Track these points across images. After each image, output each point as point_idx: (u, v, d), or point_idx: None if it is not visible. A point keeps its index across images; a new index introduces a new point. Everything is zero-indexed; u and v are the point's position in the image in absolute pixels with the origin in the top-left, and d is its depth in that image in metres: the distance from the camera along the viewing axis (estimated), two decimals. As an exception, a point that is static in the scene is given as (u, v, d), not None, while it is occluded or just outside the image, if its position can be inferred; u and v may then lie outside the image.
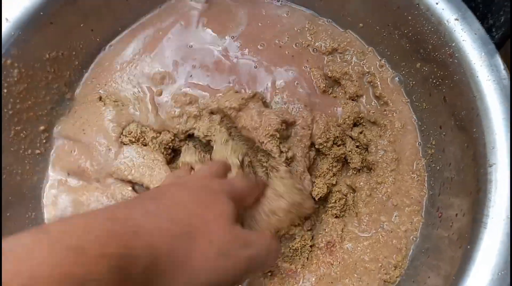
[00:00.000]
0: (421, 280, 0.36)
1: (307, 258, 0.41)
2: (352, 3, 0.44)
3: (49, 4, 0.40)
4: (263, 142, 0.37)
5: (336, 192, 0.42)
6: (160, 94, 0.45)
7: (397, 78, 0.44)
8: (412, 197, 0.41)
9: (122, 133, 0.43)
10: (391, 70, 0.45)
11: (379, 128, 0.43)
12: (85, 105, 0.45)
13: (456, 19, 0.36)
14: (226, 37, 0.47)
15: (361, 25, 0.45)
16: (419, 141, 0.42)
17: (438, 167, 0.40)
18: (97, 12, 0.44)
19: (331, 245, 0.40)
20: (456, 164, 0.37)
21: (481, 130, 0.34)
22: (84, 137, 0.44)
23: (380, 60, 0.45)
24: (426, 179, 0.41)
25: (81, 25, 0.44)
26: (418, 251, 0.39)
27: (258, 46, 0.46)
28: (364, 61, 0.45)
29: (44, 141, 0.44)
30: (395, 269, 0.38)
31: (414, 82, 0.43)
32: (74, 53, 0.45)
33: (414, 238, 0.40)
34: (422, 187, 0.41)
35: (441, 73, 0.38)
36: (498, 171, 0.32)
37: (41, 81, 0.43)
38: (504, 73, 0.34)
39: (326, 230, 0.41)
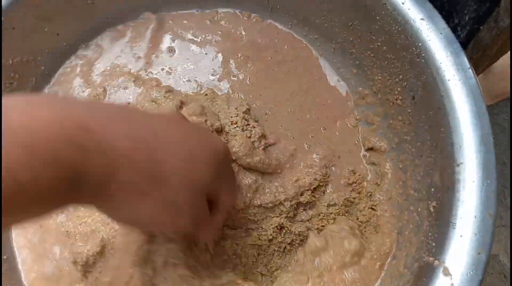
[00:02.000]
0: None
1: None
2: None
3: (10, 9, 0.39)
4: None
5: None
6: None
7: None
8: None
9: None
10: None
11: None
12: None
13: (422, 19, 0.36)
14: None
15: (326, 25, 0.45)
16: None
17: (406, 169, 0.40)
18: (62, 15, 0.43)
19: None
20: (425, 166, 0.37)
21: (449, 130, 0.33)
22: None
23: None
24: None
25: (45, 29, 0.43)
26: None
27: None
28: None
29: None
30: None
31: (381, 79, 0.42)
32: (39, 58, 0.44)
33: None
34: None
35: (410, 73, 0.38)
36: (466, 170, 0.32)
37: (5, 88, 0.42)
38: (470, 72, 0.34)
39: None
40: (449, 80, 0.34)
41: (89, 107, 0.21)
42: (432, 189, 0.35)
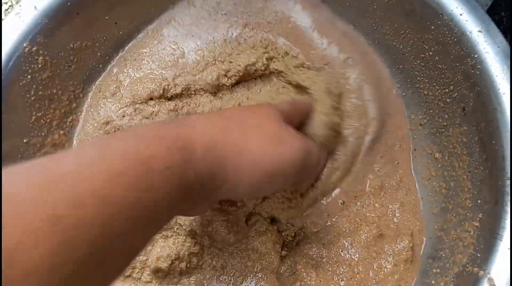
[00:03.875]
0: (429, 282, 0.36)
1: None
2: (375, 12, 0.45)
3: (79, -5, 0.41)
4: None
5: None
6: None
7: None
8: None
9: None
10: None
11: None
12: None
13: (479, 31, 0.37)
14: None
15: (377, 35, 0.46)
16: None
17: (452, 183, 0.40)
18: (122, 4, 0.45)
19: None
20: (472, 178, 0.37)
21: (500, 143, 0.33)
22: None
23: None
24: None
25: (106, 17, 0.45)
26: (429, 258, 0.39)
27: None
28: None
29: (64, 129, 0.45)
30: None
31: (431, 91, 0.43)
32: (97, 44, 0.46)
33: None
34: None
35: (462, 84, 0.38)
36: (516, 184, 0.32)
37: (64, 70, 0.44)
38: (526, 87, 0.34)
39: None
40: (504, 93, 0.34)
41: (183, 123, 0.24)
42: (479, 201, 0.35)
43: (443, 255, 0.37)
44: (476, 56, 0.36)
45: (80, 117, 0.47)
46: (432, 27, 0.40)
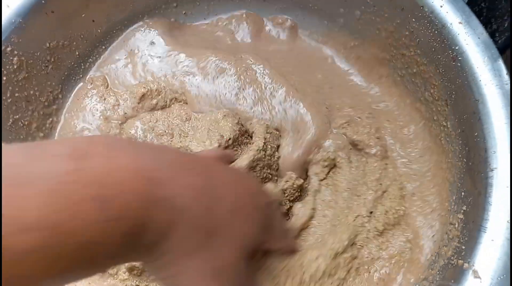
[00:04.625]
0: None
1: None
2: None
3: (51, -7, 0.40)
4: None
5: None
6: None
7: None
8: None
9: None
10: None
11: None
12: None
13: (460, 23, 0.36)
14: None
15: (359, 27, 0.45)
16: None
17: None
18: (98, 2, 0.44)
19: None
20: (454, 169, 0.37)
21: (483, 134, 0.33)
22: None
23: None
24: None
25: (83, 15, 0.44)
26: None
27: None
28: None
29: (44, 131, 0.44)
30: None
31: (415, 84, 0.42)
32: (74, 43, 0.45)
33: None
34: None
35: (444, 76, 0.38)
36: (499, 175, 0.32)
37: (40, 70, 0.43)
38: (506, 77, 0.34)
39: None
40: (485, 85, 0.34)
41: (156, 155, 0.21)
42: (463, 193, 0.35)
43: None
44: (457, 48, 0.36)
45: (60, 119, 0.46)
46: (413, 19, 0.39)
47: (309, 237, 0.39)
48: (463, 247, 0.32)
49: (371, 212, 0.38)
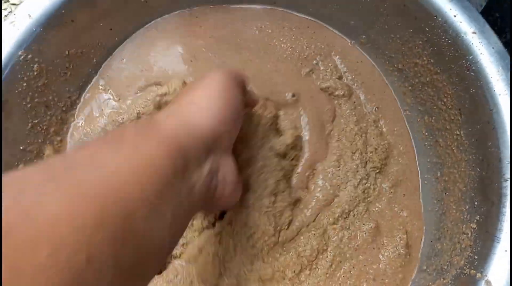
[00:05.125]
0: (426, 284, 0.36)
1: None
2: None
3: (71, 3, 0.41)
4: None
5: None
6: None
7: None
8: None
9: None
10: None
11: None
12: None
13: (474, 32, 0.36)
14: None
15: (372, 36, 0.46)
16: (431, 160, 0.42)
17: (446, 180, 0.40)
18: (116, 10, 0.45)
19: None
20: (467, 178, 0.37)
21: (497, 144, 0.33)
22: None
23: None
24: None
25: (101, 24, 0.45)
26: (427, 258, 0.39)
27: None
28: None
29: (62, 135, 0.45)
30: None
31: (427, 94, 0.42)
32: (92, 51, 0.46)
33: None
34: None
35: (457, 85, 0.38)
36: (513, 185, 0.32)
37: (59, 77, 0.44)
38: (521, 87, 0.34)
39: None
40: (499, 94, 0.34)
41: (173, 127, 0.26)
42: (476, 203, 0.35)
43: (441, 256, 0.36)
44: (471, 57, 0.36)
45: (77, 124, 0.47)
46: (427, 29, 0.40)
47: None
48: (476, 257, 0.32)
49: None
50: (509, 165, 0.32)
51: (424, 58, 0.41)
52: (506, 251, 0.30)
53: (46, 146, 0.44)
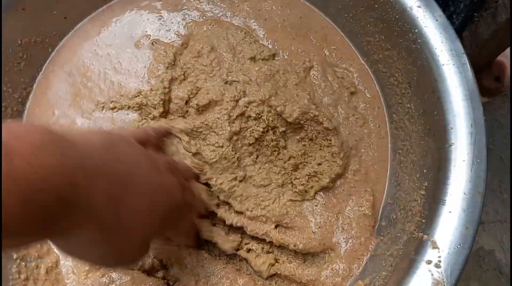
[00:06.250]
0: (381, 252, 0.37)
1: None
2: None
3: (21, -11, 0.41)
4: None
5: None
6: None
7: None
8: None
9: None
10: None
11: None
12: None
13: (419, 6, 0.37)
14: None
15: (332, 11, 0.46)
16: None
17: (400, 152, 0.41)
18: (69, -1, 0.45)
19: None
20: (418, 148, 0.38)
21: (442, 112, 0.34)
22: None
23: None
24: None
25: (54, 12, 0.44)
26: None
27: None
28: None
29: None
30: None
31: (382, 69, 0.43)
32: (47, 39, 0.45)
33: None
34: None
35: (406, 59, 0.39)
36: (457, 150, 0.33)
37: (13, 67, 0.43)
38: (464, 57, 0.35)
39: None
40: (443, 65, 0.35)
41: (84, 153, 0.22)
42: (425, 170, 0.36)
43: (395, 225, 0.37)
44: (416, 30, 0.37)
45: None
46: (376, 6, 0.41)
47: None
48: (424, 220, 0.33)
49: None
50: (452, 130, 0.33)
51: (376, 35, 0.42)
52: (450, 212, 0.31)
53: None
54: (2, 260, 0.37)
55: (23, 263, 0.38)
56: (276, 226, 0.39)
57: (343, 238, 0.39)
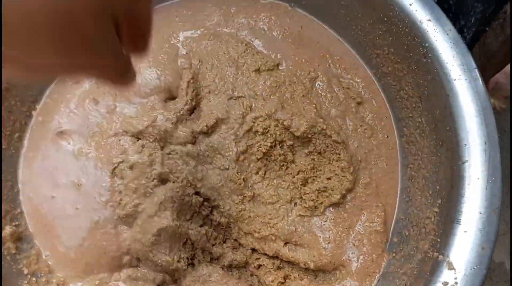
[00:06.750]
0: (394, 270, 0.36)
1: None
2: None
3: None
4: None
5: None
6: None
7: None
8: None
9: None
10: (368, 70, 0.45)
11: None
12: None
13: (429, 20, 0.37)
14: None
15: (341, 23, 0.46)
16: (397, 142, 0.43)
17: (411, 167, 0.40)
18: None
19: None
20: (430, 164, 0.37)
21: (454, 128, 0.34)
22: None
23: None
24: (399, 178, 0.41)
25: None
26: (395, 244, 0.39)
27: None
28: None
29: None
30: None
31: (391, 82, 0.43)
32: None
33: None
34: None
35: (416, 73, 0.39)
36: (471, 167, 0.32)
37: (21, 81, 0.43)
38: (476, 72, 0.35)
39: None
40: (455, 79, 0.35)
41: None
42: (438, 187, 0.35)
43: (408, 242, 0.37)
44: (427, 44, 0.37)
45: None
46: (385, 19, 0.40)
47: None
48: (439, 239, 0.32)
49: None
50: (466, 147, 0.33)
51: (385, 48, 0.42)
52: (465, 232, 0.30)
53: (9, 153, 0.43)
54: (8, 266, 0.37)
55: (34, 279, 0.38)
56: (285, 243, 0.38)
57: (354, 255, 0.38)
